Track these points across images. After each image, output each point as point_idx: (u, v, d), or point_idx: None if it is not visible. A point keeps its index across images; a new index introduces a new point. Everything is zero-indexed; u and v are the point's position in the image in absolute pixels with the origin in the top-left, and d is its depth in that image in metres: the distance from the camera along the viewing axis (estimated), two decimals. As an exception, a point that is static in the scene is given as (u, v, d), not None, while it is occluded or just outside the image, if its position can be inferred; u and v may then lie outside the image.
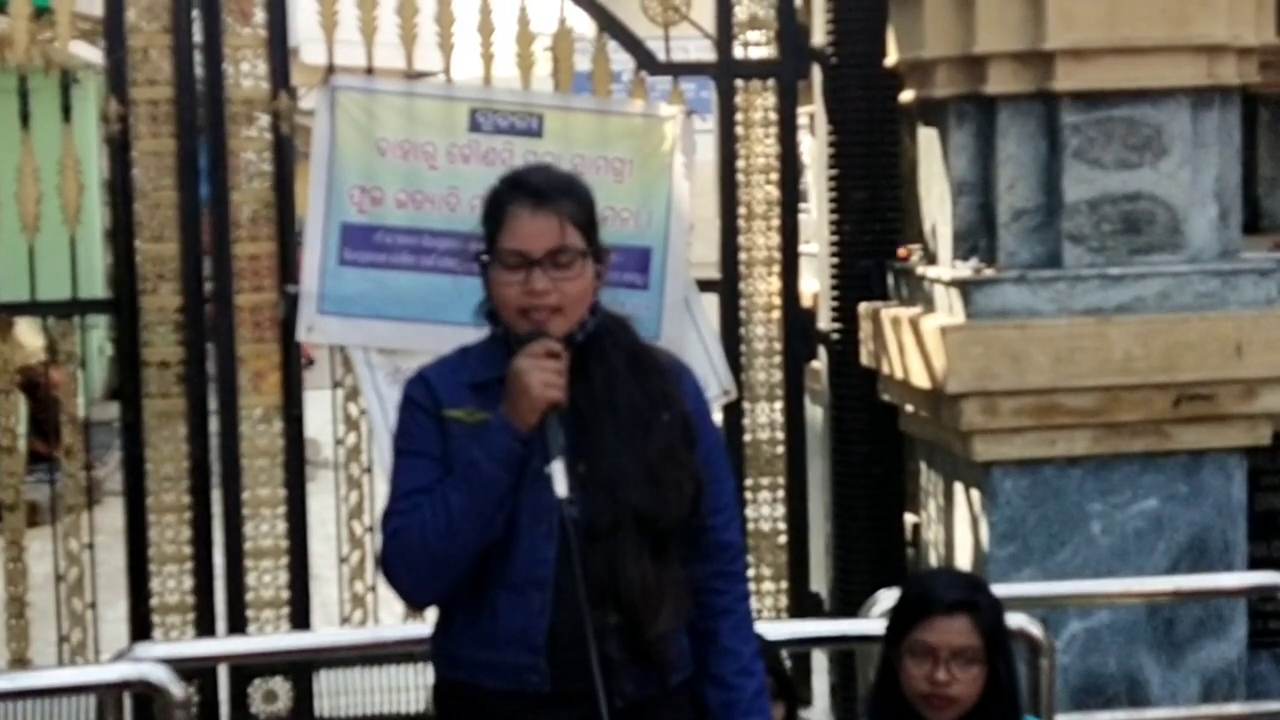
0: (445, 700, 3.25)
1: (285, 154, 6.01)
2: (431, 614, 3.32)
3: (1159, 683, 5.45)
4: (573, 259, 3.13)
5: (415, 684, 6.13)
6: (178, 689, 3.84)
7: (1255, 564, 5.55)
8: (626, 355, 3.20)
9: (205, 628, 6.01)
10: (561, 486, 3.03)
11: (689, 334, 6.03)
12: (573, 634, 3.06)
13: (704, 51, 6.33)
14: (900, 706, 3.59)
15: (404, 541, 3.12)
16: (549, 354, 3.07)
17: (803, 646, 5.72)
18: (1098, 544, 5.41)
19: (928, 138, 5.79)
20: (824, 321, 6.33)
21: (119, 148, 5.93)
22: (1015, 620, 4.12)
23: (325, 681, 6.12)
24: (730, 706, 3.23)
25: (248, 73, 5.98)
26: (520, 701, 3.12)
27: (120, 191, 5.96)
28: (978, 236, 5.56)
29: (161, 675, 3.84)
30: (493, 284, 3.16)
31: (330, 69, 5.94)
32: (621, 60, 6.26)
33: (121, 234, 5.98)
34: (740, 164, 6.26)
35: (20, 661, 5.99)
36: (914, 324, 5.54)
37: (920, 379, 5.48)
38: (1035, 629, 4.28)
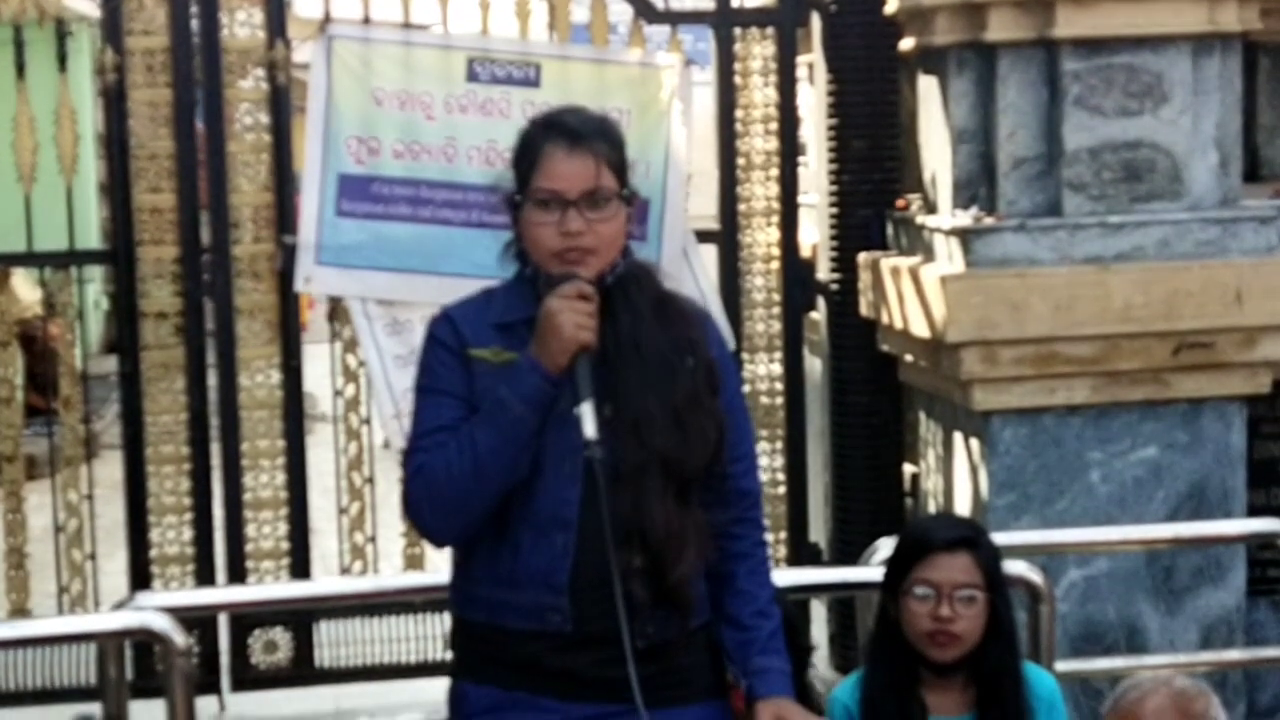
0: (465, 641, 3.25)
1: (281, 104, 5.99)
2: (438, 562, 3.32)
3: (1158, 630, 5.46)
4: (608, 200, 3.13)
5: (415, 634, 6.14)
6: (180, 637, 3.83)
7: (1254, 512, 5.56)
8: (652, 301, 3.20)
9: (205, 579, 6.02)
10: (590, 427, 3.02)
11: (687, 285, 6.02)
12: (595, 575, 3.07)
13: (702, 0, 6.30)
14: (900, 652, 3.59)
15: (428, 479, 3.12)
16: (581, 296, 3.07)
17: (802, 594, 5.71)
18: (1097, 492, 5.41)
19: (928, 86, 5.76)
20: (823, 272, 6.32)
21: (115, 98, 5.91)
22: (1015, 567, 4.12)
23: (325, 632, 6.14)
24: (746, 646, 3.24)
25: (243, 22, 5.95)
26: (542, 642, 3.13)
27: (117, 142, 5.93)
28: (978, 185, 5.54)
29: (163, 623, 3.83)
30: (525, 225, 3.15)
31: (326, 18, 5.92)
32: (619, 10, 6.23)
33: (118, 185, 5.96)
34: (739, 114, 6.24)
35: (20, 612, 6.00)
36: (913, 273, 5.53)
37: (920, 328, 5.47)
38: (1035, 576, 4.28)
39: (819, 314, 6.39)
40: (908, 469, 6.16)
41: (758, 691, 3.23)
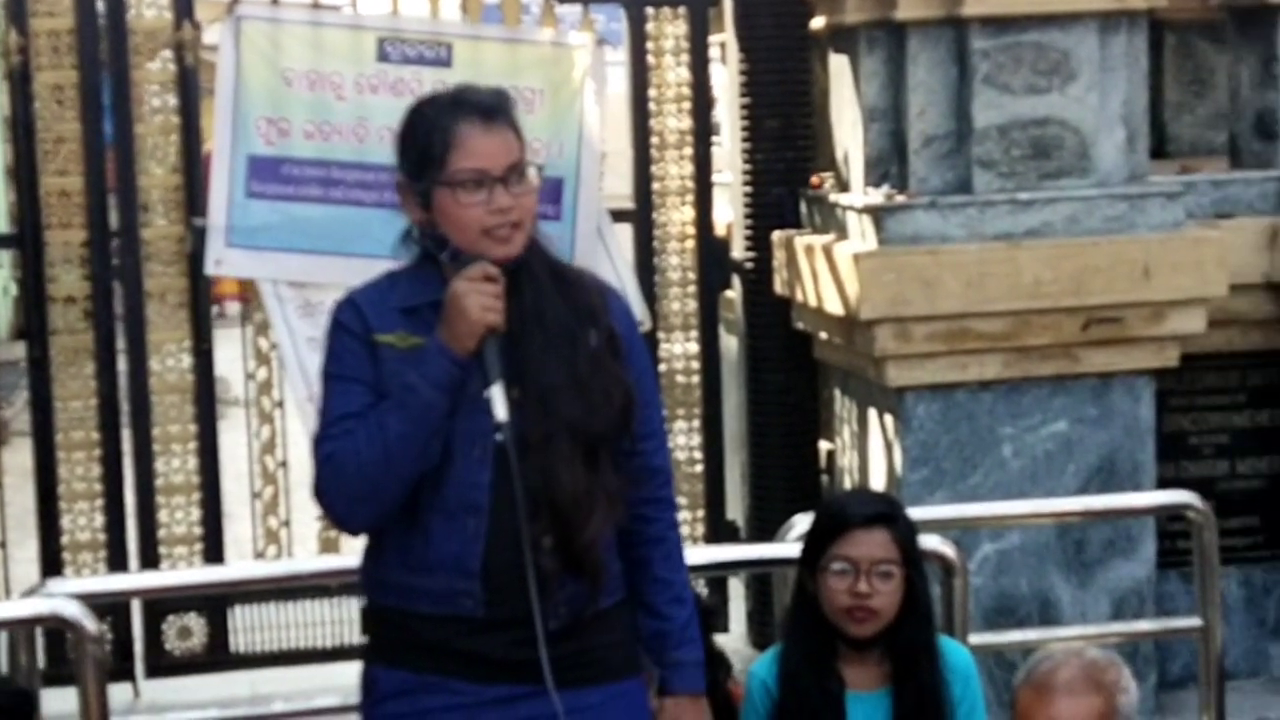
0: (376, 626, 3.23)
1: (190, 86, 5.94)
2: (353, 545, 3.29)
3: (1069, 602, 5.52)
4: (526, 172, 3.11)
5: (331, 618, 6.11)
6: (91, 624, 3.79)
7: (1163, 484, 5.61)
8: (549, 271, 3.18)
9: (117, 565, 5.97)
10: (501, 410, 3.01)
11: (602, 264, 6.02)
12: (507, 557, 3.06)
13: (614, -20, 6.29)
14: (817, 627, 3.60)
15: (338, 466, 3.08)
16: (486, 277, 3.05)
17: (720, 572, 5.73)
18: (1009, 467, 5.46)
19: (839, 65, 5.78)
20: (738, 250, 6.34)
21: (19, 81, 5.84)
22: (929, 542, 4.14)
23: (240, 617, 6.10)
24: (663, 636, 3.24)
25: (150, 3, 5.90)
26: (453, 626, 3.11)
27: (22, 125, 5.86)
28: (889, 163, 5.57)
29: (75, 610, 3.79)
30: (448, 207, 3.09)
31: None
32: (531, -11, 6.22)
33: (24, 168, 5.89)
34: (652, 93, 6.25)
35: (-71, 602, 5.92)
36: (827, 251, 5.55)
37: (834, 306, 5.50)
38: (949, 550, 4.30)
39: (734, 292, 6.41)
40: (823, 446, 6.19)
41: (671, 686, 3.24)
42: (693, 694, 3.28)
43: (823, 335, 5.84)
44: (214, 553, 6.03)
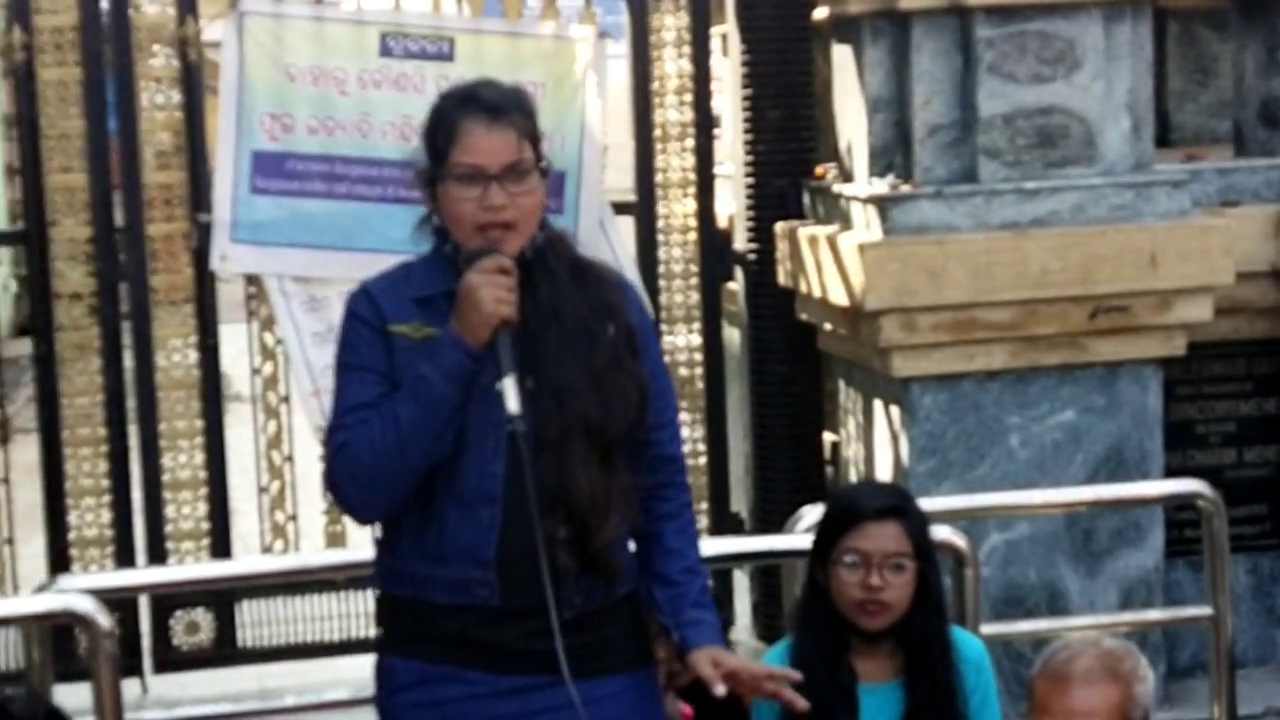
0: (391, 616, 3.25)
1: (193, 81, 5.94)
2: (360, 539, 3.30)
3: (1078, 592, 5.52)
4: (528, 173, 3.12)
5: (338, 612, 6.11)
6: (104, 619, 3.79)
7: (1171, 473, 5.61)
8: (569, 267, 3.19)
9: (125, 561, 5.96)
10: (513, 403, 3.02)
11: (605, 258, 5.99)
12: (522, 548, 3.06)
13: (616, -28, 6.28)
14: (829, 620, 3.60)
15: (351, 456, 3.10)
16: (500, 270, 3.06)
17: (726, 564, 5.74)
18: (1016, 457, 5.46)
19: (842, 55, 5.78)
20: (740, 242, 6.33)
21: (23, 78, 5.84)
22: (939, 532, 4.13)
23: (247, 612, 6.10)
24: (678, 599, 3.24)
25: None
26: (469, 616, 3.12)
27: (26, 122, 5.86)
28: (894, 153, 5.57)
29: (88, 605, 3.79)
30: (445, 200, 3.13)
31: (237, -5, 5.87)
32: (533, -18, 6.21)
33: (29, 165, 5.89)
34: (653, 85, 6.24)
35: (-63, 599, 5.92)
36: (831, 242, 5.55)
37: (838, 297, 5.50)
38: (959, 540, 4.29)
39: (737, 284, 6.41)
40: (828, 437, 6.19)
41: (692, 641, 3.23)
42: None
43: (827, 326, 5.84)
44: (221, 548, 6.04)
